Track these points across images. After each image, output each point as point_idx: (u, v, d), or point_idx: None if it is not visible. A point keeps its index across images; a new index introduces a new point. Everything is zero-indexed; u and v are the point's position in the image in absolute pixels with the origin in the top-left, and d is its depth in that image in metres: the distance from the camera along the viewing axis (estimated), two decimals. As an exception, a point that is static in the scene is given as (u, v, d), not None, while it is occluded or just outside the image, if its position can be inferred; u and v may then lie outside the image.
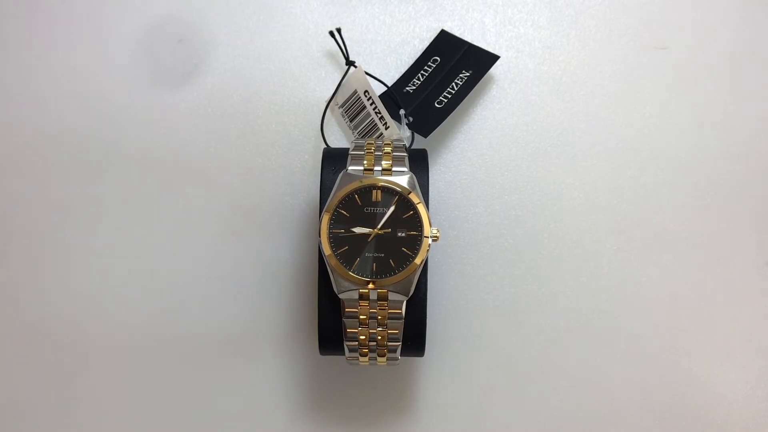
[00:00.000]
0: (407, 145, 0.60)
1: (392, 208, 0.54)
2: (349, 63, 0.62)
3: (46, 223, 0.63)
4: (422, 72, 0.63)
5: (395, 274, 0.53)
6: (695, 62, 0.64)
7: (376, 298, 0.53)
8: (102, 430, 0.62)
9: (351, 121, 0.62)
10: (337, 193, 0.54)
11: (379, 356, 0.55)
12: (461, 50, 0.63)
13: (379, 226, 0.54)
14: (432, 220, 0.55)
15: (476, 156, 0.63)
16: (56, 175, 0.63)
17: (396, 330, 0.54)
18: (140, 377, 0.62)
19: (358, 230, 0.54)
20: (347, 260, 0.53)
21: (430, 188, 0.57)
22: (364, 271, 0.53)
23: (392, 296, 0.53)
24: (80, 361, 0.62)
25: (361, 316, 0.54)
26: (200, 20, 0.64)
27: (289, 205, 0.62)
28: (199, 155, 0.63)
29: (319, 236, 0.53)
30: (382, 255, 0.53)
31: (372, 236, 0.54)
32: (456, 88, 0.61)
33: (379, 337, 0.54)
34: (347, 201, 0.54)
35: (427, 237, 0.53)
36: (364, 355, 0.55)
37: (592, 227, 0.62)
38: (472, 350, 0.61)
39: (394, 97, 0.62)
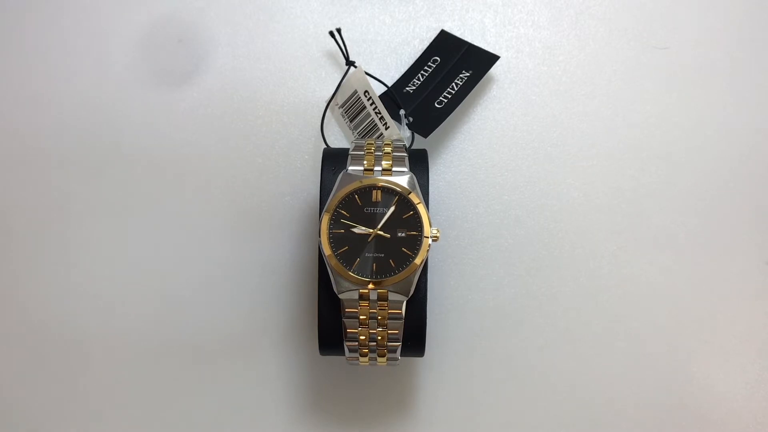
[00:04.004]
0: (407, 146, 0.60)
1: (392, 209, 0.54)
2: (349, 63, 0.62)
3: (46, 223, 0.63)
4: (422, 72, 0.63)
5: (395, 274, 0.53)
6: (695, 62, 0.64)
7: (376, 298, 0.53)
8: (102, 430, 0.62)
9: (351, 121, 0.62)
10: (337, 193, 0.54)
11: (379, 356, 0.55)
12: (461, 50, 0.63)
13: (379, 227, 0.54)
14: (432, 220, 0.55)
15: (476, 156, 0.63)
16: (56, 175, 0.63)
17: (396, 330, 0.54)
18: (140, 377, 0.62)
19: (358, 230, 0.54)
20: (347, 260, 0.53)
21: (430, 188, 0.57)
22: (364, 271, 0.53)
23: (392, 296, 0.53)
24: (80, 361, 0.62)
25: (361, 317, 0.54)
26: (200, 20, 0.64)
27: (289, 205, 0.62)
28: (199, 155, 0.63)
29: (319, 236, 0.53)
30: (382, 255, 0.53)
31: (372, 236, 0.54)
32: (456, 89, 0.61)
33: (379, 338, 0.54)
34: (347, 201, 0.54)
35: (427, 237, 0.53)
36: (364, 355, 0.55)
37: (592, 227, 0.62)
38: (472, 350, 0.61)
39: (394, 97, 0.62)
